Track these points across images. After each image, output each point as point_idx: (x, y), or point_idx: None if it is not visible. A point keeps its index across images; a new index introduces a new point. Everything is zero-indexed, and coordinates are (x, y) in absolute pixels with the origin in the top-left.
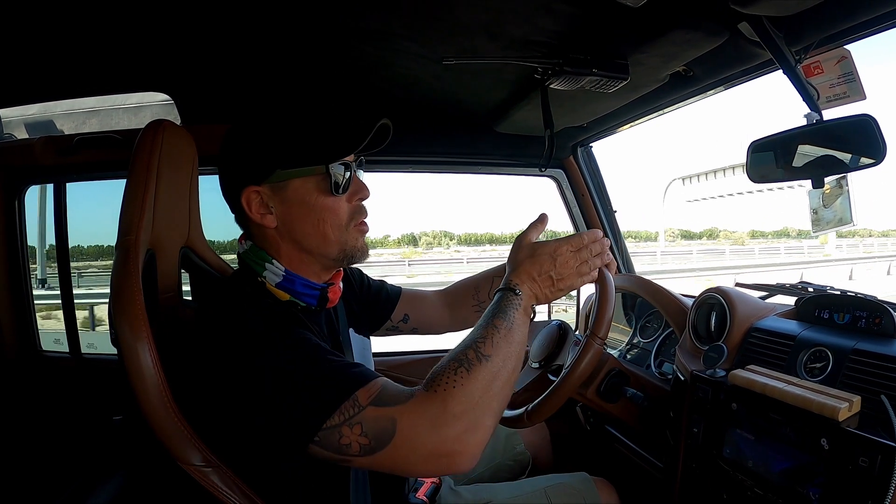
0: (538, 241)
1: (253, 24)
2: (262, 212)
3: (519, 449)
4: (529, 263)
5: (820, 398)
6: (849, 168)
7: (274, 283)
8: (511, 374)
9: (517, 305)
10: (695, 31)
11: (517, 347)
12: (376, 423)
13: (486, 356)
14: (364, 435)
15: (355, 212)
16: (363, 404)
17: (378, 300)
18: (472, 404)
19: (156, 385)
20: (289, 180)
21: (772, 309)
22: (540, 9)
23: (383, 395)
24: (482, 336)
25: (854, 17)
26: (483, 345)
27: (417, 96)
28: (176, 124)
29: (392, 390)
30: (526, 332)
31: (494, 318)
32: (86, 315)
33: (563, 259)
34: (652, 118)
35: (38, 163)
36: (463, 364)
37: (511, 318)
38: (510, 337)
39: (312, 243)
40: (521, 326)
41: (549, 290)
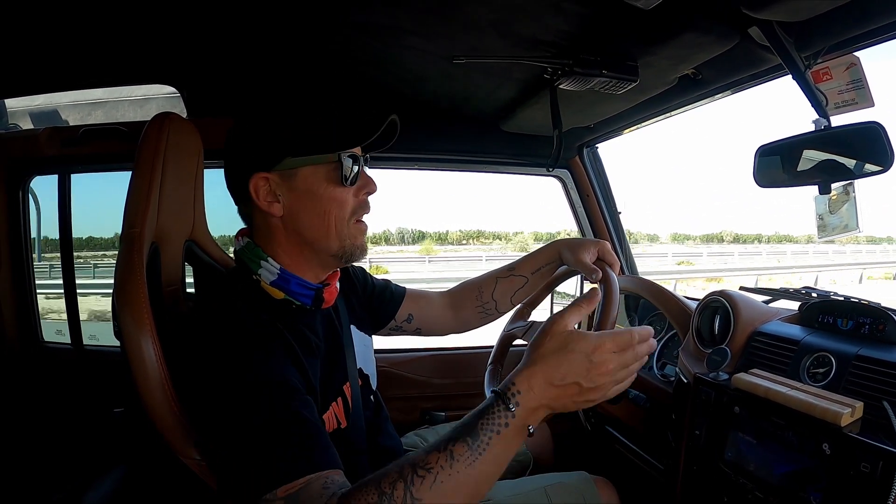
0: (576, 332)
1: (260, 18)
2: (269, 199)
3: (520, 449)
4: (555, 361)
5: (822, 403)
6: (856, 175)
7: (268, 282)
8: None
9: (501, 426)
10: (705, 35)
11: (475, 485)
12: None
13: (416, 499)
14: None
15: (360, 206)
16: (279, 496)
17: (382, 299)
18: None
19: (158, 378)
20: (298, 168)
21: (775, 313)
22: (550, 8)
23: (300, 496)
24: (426, 465)
25: (864, 24)
26: (420, 482)
27: (425, 93)
28: (182, 117)
29: (312, 493)
30: (505, 459)
31: (458, 440)
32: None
33: (601, 360)
34: (659, 120)
35: (42, 154)
36: (382, 500)
37: (482, 445)
38: (467, 473)
39: (314, 235)
40: (495, 455)
41: (571, 400)
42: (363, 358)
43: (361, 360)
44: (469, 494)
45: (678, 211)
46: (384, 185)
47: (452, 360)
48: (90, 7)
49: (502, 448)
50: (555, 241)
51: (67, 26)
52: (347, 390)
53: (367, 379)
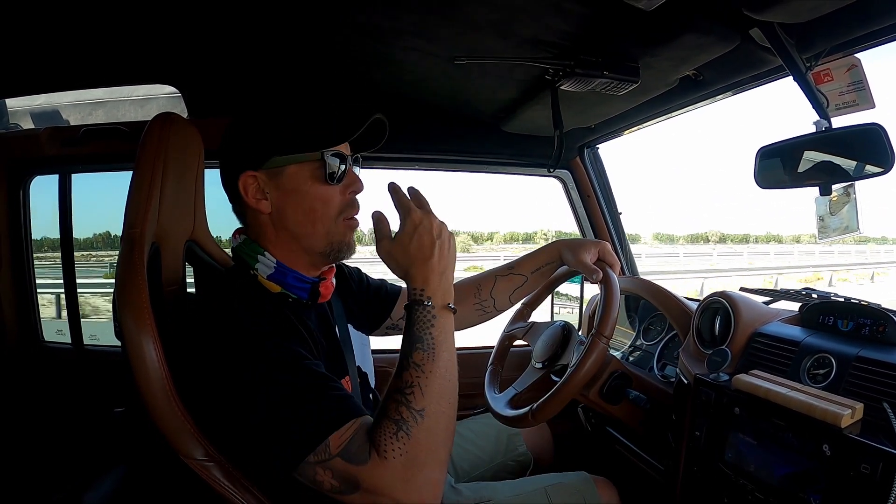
0: (393, 235)
1: (261, 18)
2: (257, 197)
3: (521, 450)
4: (411, 253)
5: (823, 404)
6: (856, 176)
7: (265, 275)
8: (450, 409)
9: (431, 319)
10: (706, 36)
11: (447, 373)
12: (344, 476)
13: (419, 411)
14: (335, 479)
15: (347, 205)
16: (333, 453)
17: (377, 298)
18: (423, 465)
19: (159, 378)
20: (285, 166)
21: (776, 314)
22: (551, 9)
23: (351, 448)
24: (408, 384)
25: (865, 25)
26: (412, 397)
27: (425, 94)
28: (183, 117)
29: (360, 441)
30: (451, 339)
31: (412, 352)
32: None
33: (427, 220)
34: (660, 121)
35: (43, 153)
36: (401, 427)
37: (429, 342)
38: (436, 369)
39: (302, 232)
40: (442, 342)
41: (447, 255)
42: (361, 356)
43: (359, 358)
44: (447, 382)
45: (661, 211)
46: (369, 183)
47: None
48: (91, 7)
49: (444, 333)
50: (555, 242)
51: (68, 26)
52: (347, 385)
53: (365, 377)
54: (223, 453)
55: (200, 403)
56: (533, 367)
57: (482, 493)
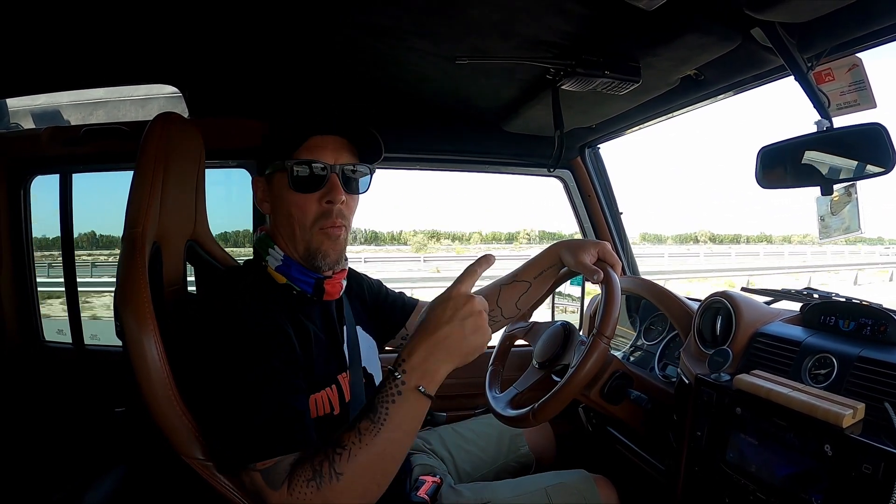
0: (432, 302)
1: (263, 18)
2: (262, 199)
3: (524, 450)
4: (424, 323)
5: (824, 404)
6: (858, 176)
7: (273, 267)
8: (371, 485)
9: (393, 395)
10: (708, 36)
11: (386, 451)
12: (256, 489)
13: (338, 474)
14: (250, 486)
15: (322, 214)
16: (258, 468)
17: (394, 308)
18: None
19: (161, 378)
20: (274, 173)
21: (777, 314)
22: (552, 9)
23: (271, 472)
24: (342, 443)
25: (866, 25)
26: (338, 458)
27: (427, 94)
28: (184, 117)
29: (280, 470)
30: (409, 424)
31: (362, 418)
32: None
33: (462, 298)
34: (661, 121)
35: (44, 153)
36: (315, 478)
37: (381, 416)
38: (375, 443)
39: (286, 234)
40: (395, 422)
41: (462, 343)
42: (368, 358)
43: (366, 359)
44: (383, 461)
45: (652, 210)
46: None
47: None
48: (92, 7)
49: (401, 414)
50: (555, 244)
51: (69, 26)
52: (343, 381)
53: (371, 379)
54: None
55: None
56: (534, 367)
57: (482, 493)
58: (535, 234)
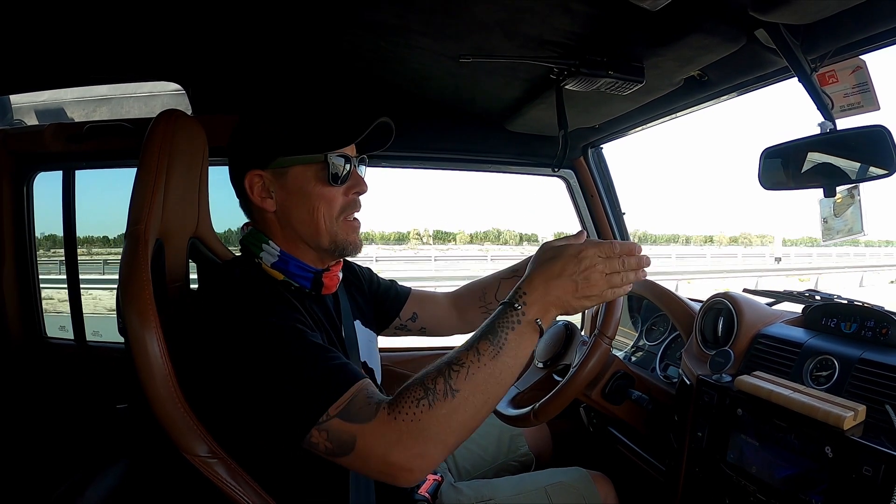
0: (561, 244)
1: (266, 15)
2: (262, 195)
3: (523, 450)
4: (548, 265)
5: (825, 406)
6: (861, 178)
7: (269, 264)
8: (482, 406)
9: (513, 323)
10: (712, 37)
11: (500, 375)
12: (339, 435)
13: (453, 391)
14: (329, 441)
15: (349, 205)
16: (332, 414)
17: (387, 298)
18: (427, 438)
19: (163, 375)
20: (290, 167)
21: (779, 316)
22: (557, 8)
23: (350, 409)
24: (459, 361)
25: (871, 27)
26: (456, 375)
27: (430, 92)
28: (187, 114)
29: (360, 403)
30: (523, 352)
31: (481, 339)
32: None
33: (589, 261)
34: (664, 122)
35: (47, 149)
36: (428, 395)
37: (501, 340)
38: (493, 365)
39: (305, 231)
40: (513, 348)
41: (571, 296)
42: (367, 352)
43: (365, 354)
44: (496, 384)
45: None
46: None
47: None
48: (96, 4)
49: (518, 341)
50: None
51: (73, 23)
52: None
53: (371, 373)
54: (226, 450)
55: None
56: (535, 367)
57: (482, 491)
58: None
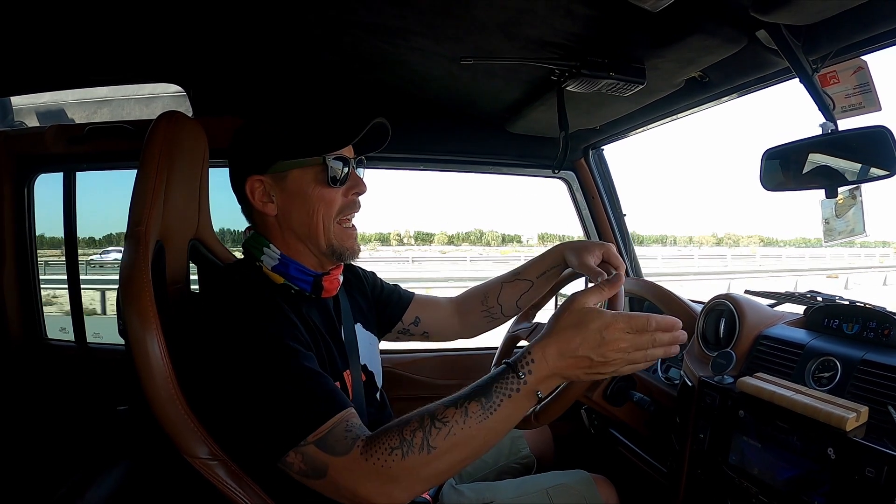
0: (593, 309)
1: (267, 17)
2: (263, 200)
3: (524, 452)
4: (569, 335)
5: (827, 407)
6: (862, 179)
7: (270, 267)
8: (458, 463)
9: (512, 390)
10: (713, 38)
11: (484, 438)
12: (313, 461)
13: (430, 447)
14: (304, 463)
15: (348, 205)
16: (309, 441)
17: (390, 302)
18: (395, 483)
19: (164, 377)
20: (289, 171)
21: (781, 317)
22: (558, 10)
23: (328, 439)
24: (444, 419)
25: (872, 28)
26: (437, 433)
27: (430, 94)
28: (188, 116)
29: (338, 435)
30: (514, 419)
31: (472, 399)
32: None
33: (613, 338)
34: (665, 123)
35: (48, 151)
36: (402, 446)
37: (493, 405)
38: (478, 428)
39: (305, 233)
40: (504, 415)
41: (582, 371)
42: (368, 355)
43: (366, 357)
44: (477, 446)
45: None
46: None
47: (457, 362)
48: (97, 5)
49: (512, 409)
50: (560, 245)
51: (74, 24)
52: (347, 377)
53: (371, 376)
54: (226, 452)
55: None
56: None
57: (483, 493)
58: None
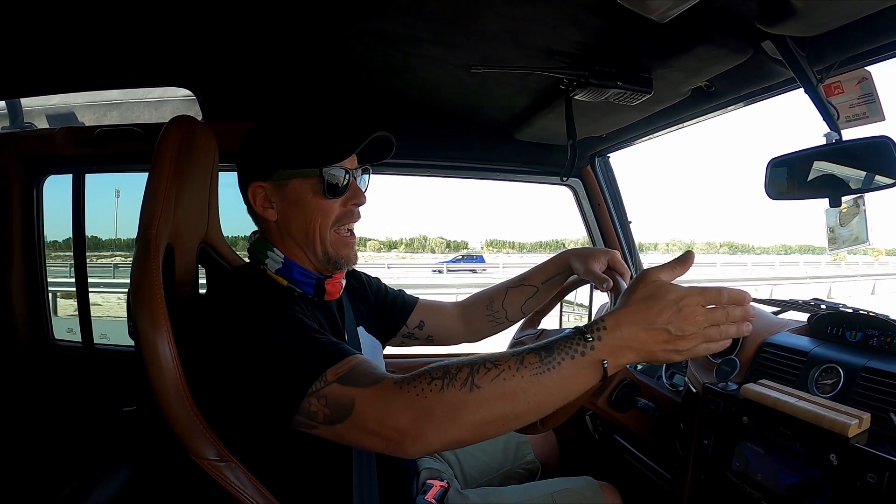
0: (665, 282)
1: (278, 23)
2: (264, 206)
3: (529, 457)
4: (645, 305)
5: (830, 414)
6: (866, 188)
7: (274, 270)
8: (501, 417)
9: (576, 352)
10: (719, 48)
11: (535, 396)
12: (337, 400)
13: (475, 385)
14: (327, 406)
15: (345, 215)
16: (329, 380)
17: (394, 306)
18: (427, 417)
19: (173, 378)
20: (290, 179)
21: (784, 324)
22: (567, 20)
23: (350, 375)
24: (496, 361)
25: (876, 39)
26: (486, 373)
27: (440, 101)
28: (198, 120)
29: (361, 371)
30: (573, 386)
31: (532, 350)
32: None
33: (689, 311)
34: (671, 131)
35: (58, 153)
36: (445, 378)
37: (553, 362)
38: (531, 381)
39: (303, 240)
40: (563, 378)
41: (660, 347)
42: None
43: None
44: (526, 402)
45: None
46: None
47: None
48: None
49: (572, 373)
50: (565, 251)
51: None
52: None
53: None
54: (235, 454)
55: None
56: None
57: (489, 498)
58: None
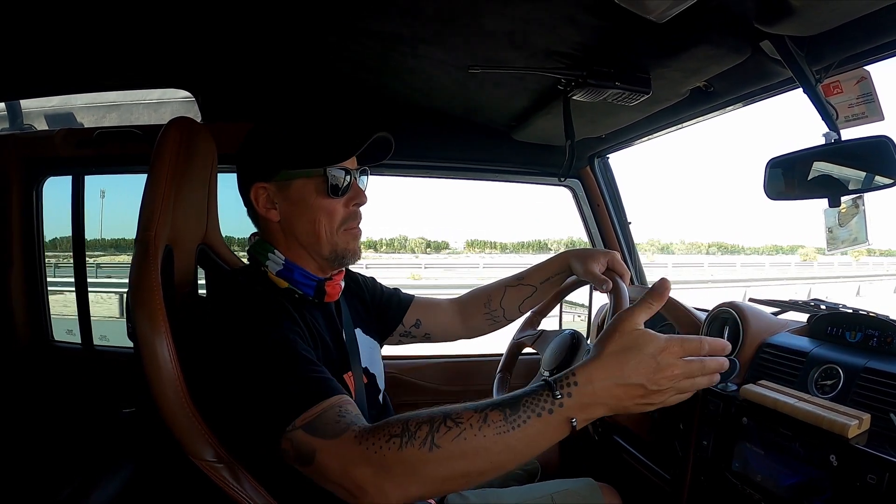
0: (646, 331)
1: (276, 24)
2: (267, 206)
3: None
4: (622, 359)
5: (830, 415)
6: (865, 188)
7: (274, 272)
8: (461, 476)
9: (543, 410)
10: (718, 48)
11: (498, 455)
12: (301, 447)
13: (434, 445)
14: (293, 450)
15: (349, 216)
16: (297, 426)
17: (390, 305)
18: (387, 474)
19: (172, 380)
20: (292, 180)
21: (784, 325)
22: (565, 20)
23: (316, 423)
24: (457, 419)
25: (875, 38)
26: (446, 431)
27: (438, 102)
28: (198, 122)
29: (327, 419)
30: (540, 445)
31: (496, 407)
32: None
33: (668, 363)
34: (670, 132)
35: (57, 154)
36: (403, 436)
37: (519, 420)
38: (494, 441)
39: (307, 240)
40: (529, 436)
41: (633, 402)
42: (369, 358)
43: (367, 360)
44: (488, 460)
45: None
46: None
47: (462, 368)
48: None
49: (538, 431)
50: (565, 252)
51: (84, 29)
52: (349, 380)
53: (373, 378)
54: (233, 454)
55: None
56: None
57: (488, 499)
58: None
